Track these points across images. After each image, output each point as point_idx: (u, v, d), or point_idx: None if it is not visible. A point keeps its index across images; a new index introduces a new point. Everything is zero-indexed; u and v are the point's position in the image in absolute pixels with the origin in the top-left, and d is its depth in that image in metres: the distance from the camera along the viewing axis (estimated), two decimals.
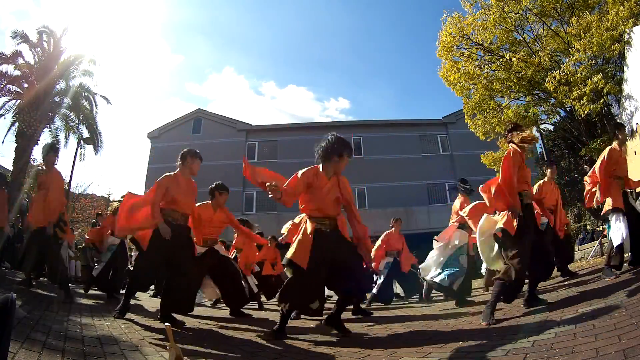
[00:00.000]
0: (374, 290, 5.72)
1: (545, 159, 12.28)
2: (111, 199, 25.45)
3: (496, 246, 3.09)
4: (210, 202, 4.14)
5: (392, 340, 2.65)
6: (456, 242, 4.37)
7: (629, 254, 3.73)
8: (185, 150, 3.55)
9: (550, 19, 10.75)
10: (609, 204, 3.81)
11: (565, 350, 1.66)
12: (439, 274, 4.31)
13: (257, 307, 5.65)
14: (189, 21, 67.43)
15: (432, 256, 4.57)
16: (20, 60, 11.29)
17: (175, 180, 3.36)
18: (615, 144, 4.09)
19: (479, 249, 3.21)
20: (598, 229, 9.34)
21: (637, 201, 6.18)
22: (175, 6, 62.55)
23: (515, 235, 2.77)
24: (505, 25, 10.91)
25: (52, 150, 4.16)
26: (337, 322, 2.79)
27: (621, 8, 8.30)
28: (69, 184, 14.86)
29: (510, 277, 2.71)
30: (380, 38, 64.22)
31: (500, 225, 2.87)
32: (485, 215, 3.19)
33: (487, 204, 3.26)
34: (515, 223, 2.77)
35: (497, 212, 3.10)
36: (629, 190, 4.04)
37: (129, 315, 3.36)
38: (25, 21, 63.79)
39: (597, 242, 7.49)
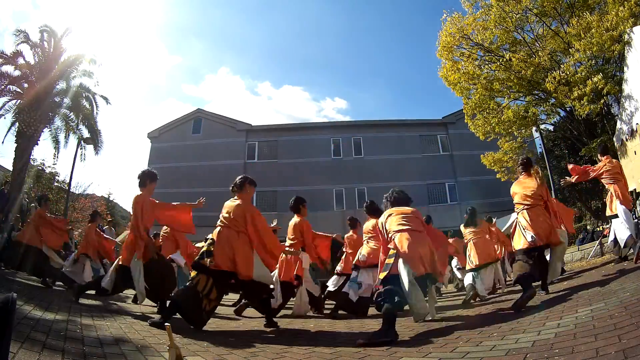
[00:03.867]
0: None
1: (545, 159, 12.28)
2: (111, 198, 25.49)
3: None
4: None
5: None
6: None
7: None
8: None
9: (550, 19, 10.75)
10: None
11: (565, 350, 1.66)
12: None
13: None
14: (185, 23, 67.78)
15: None
16: (21, 60, 11.27)
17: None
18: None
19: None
20: (598, 229, 9.34)
21: (638, 201, 6.20)
22: (172, 8, 62.78)
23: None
24: (505, 25, 10.91)
25: None
26: None
27: (621, 8, 8.29)
28: (69, 184, 14.86)
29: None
30: (379, 38, 64.32)
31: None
32: None
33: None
34: None
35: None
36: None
37: (128, 315, 3.35)
38: (24, 23, 63.87)
39: (597, 242, 7.48)
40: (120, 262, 3.80)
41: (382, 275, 2.84)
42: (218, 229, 3.34)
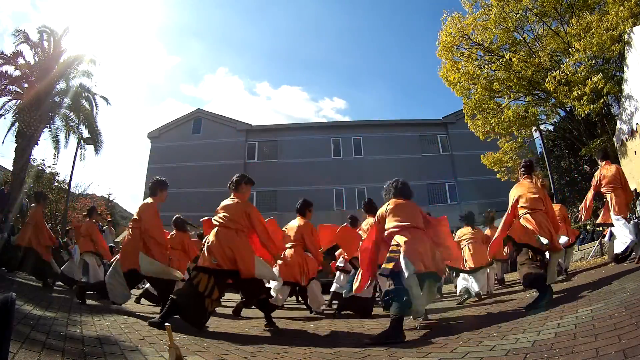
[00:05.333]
0: None
1: (545, 159, 12.28)
2: (111, 198, 25.48)
3: None
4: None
5: None
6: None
7: None
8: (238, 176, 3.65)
9: (550, 19, 10.75)
10: None
11: (565, 350, 1.66)
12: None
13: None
14: (184, 23, 67.77)
15: None
16: (21, 61, 11.27)
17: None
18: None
19: None
20: (598, 229, 9.33)
21: (638, 201, 6.20)
22: (170, 9, 62.83)
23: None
24: (505, 25, 10.90)
25: None
26: None
27: (621, 8, 8.29)
28: (69, 184, 14.86)
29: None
30: (378, 38, 64.31)
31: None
32: None
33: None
34: None
35: None
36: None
37: (128, 315, 3.35)
38: (24, 23, 63.91)
39: (597, 242, 7.48)
40: (127, 268, 3.84)
41: (389, 265, 2.78)
42: (215, 229, 3.31)
